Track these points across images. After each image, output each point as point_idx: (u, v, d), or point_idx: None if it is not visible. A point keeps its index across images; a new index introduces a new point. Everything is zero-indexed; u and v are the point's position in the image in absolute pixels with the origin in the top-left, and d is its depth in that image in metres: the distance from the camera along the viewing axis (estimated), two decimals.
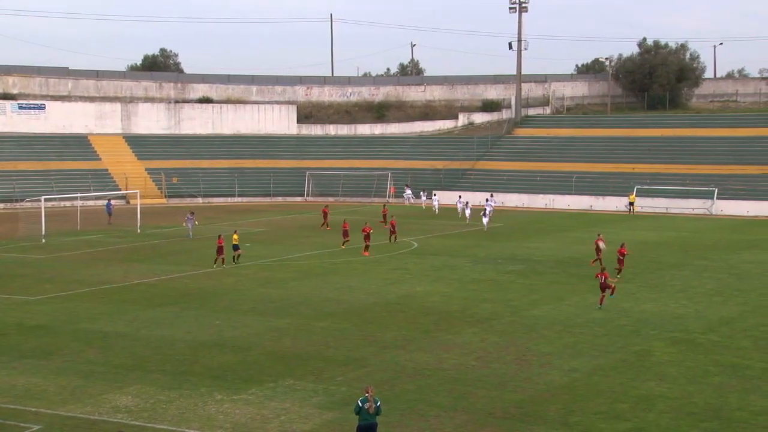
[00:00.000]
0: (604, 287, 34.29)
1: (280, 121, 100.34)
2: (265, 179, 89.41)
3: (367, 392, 18.57)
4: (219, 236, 45.51)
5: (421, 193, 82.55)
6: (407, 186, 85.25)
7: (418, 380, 24.60)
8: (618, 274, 40.50)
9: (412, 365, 26.13)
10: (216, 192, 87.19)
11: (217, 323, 31.77)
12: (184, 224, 57.27)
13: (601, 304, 34.04)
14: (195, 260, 46.95)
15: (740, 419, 21.23)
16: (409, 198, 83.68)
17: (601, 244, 44.85)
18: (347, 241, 51.63)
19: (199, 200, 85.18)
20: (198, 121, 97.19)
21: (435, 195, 79.13)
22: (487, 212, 62.74)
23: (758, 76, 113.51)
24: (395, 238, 54.03)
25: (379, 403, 18.59)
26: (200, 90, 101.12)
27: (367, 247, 49.17)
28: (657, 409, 22.03)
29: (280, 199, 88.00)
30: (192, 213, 58.54)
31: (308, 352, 27.68)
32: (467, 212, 66.92)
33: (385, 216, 62.71)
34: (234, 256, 45.62)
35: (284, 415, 21.74)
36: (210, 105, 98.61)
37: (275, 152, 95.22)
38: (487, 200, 70.62)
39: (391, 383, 24.24)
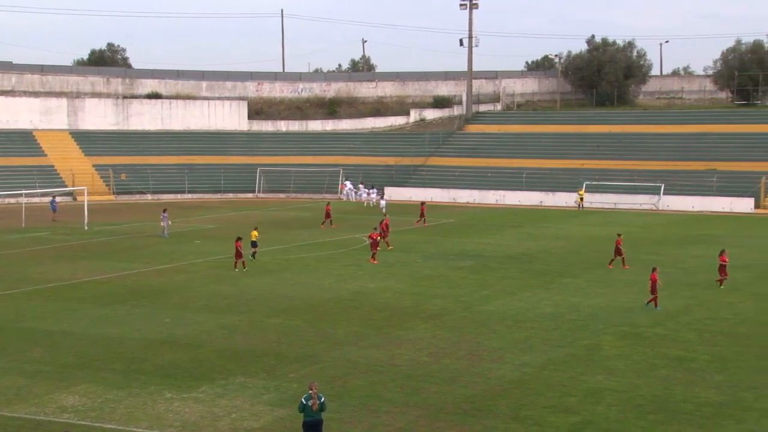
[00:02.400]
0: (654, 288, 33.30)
1: (231, 117, 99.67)
2: (216, 175, 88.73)
3: (311, 389, 18.60)
4: (237, 238, 42.61)
5: (365, 187, 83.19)
6: (348, 182, 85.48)
7: (371, 376, 24.65)
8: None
9: (365, 361, 26.16)
10: (165, 188, 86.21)
11: (167, 321, 31.48)
12: (161, 223, 55.21)
13: (655, 305, 33.32)
14: (145, 257, 46.48)
15: (685, 411, 21.60)
16: (349, 195, 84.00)
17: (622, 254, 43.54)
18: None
19: (148, 197, 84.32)
20: (147, 117, 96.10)
21: (375, 190, 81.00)
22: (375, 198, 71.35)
23: (703, 73, 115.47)
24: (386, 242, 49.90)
25: (323, 399, 18.61)
26: (149, 85, 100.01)
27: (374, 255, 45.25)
28: (605, 402, 22.33)
29: (230, 195, 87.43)
30: (165, 210, 56.22)
31: (260, 349, 27.58)
32: (382, 203, 72.29)
33: (328, 213, 61.46)
34: (252, 253, 45.17)
35: (235, 412, 21.64)
36: (159, 101, 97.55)
37: (226, 148, 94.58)
38: (365, 187, 79.94)
39: (343, 379, 24.26)
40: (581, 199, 75.83)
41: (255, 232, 46.43)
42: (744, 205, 73.13)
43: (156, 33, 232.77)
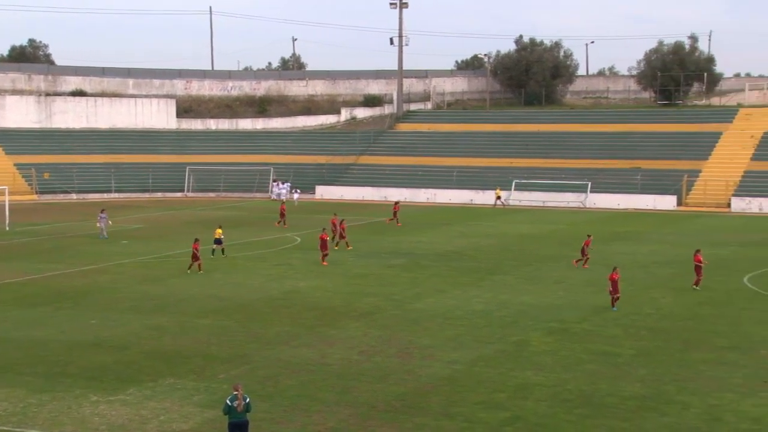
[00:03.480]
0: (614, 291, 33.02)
1: (159, 116, 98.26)
2: (144, 174, 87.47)
3: (236, 390, 18.49)
4: (195, 240, 41.87)
5: (281, 185, 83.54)
6: (276, 181, 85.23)
7: (302, 376, 24.54)
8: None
9: (296, 361, 26.04)
10: (91, 188, 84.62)
11: (93, 322, 30.89)
12: (97, 225, 53.91)
13: (612, 305, 32.99)
14: (70, 258, 45.55)
15: (610, 404, 21.98)
16: (280, 194, 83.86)
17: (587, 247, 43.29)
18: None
19: (73, 196, 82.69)
20: (71, 115, 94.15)
21: (284, 186, 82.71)
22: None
23: (627, 74, 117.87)
24: (338, 242, 49.27)
25: (248, 400, 18.49)
26: (73, 82, 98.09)
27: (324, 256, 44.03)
28: (534, 397, 22.60)
29: (159, 194, 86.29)
30: (103, 211, 54.71)
31: (190, 350, 27.25)
32: (295, 197, 77.51)
33: (282, 212, 60.81)
34: (217, 250, 45.65)
35: (164, 414, 21.34)
36: (84, 98, 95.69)
37: (154, 147, 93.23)
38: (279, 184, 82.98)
39: (274, 379, 24.11)
40: (498, 197, 76.75)
41: (219, 230, 46.69)
42: (667, 202, 74.91)
43: (80, 30, 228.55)
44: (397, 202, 64.35)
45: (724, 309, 33.23)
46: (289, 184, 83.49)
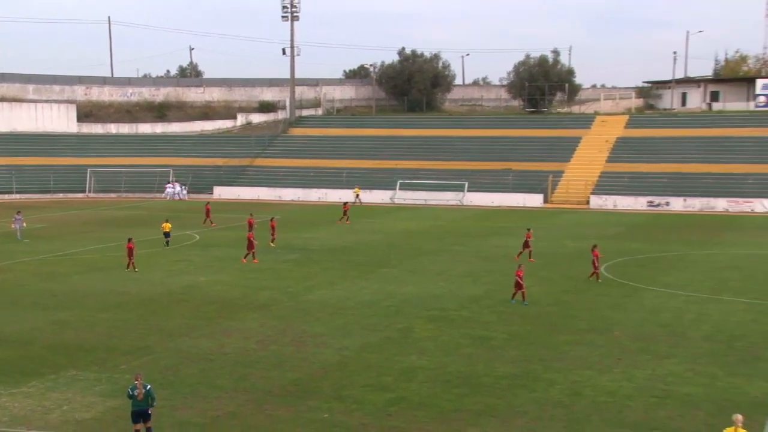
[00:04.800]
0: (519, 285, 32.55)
1: (59, 120, 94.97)
2: (45, 176, 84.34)
3: (137, 380, 18.16)
4: (129, 240, 40.51)
5: (175, 185, 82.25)
6: (172, 182, 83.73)
7: (201, 365, 24.18)
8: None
9: (196, 351, 25.64)
10: None
11: None
12: (12, 226, 51.21)
13: (519, 298, 32.58)
14: None
15: (486, 384, 22.44)
16: (175, 195, 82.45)
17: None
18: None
19: None
20: None
21: (173, 186, 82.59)
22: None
23: (499, 83, 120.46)
24: (272, 239, 48.49)
25: (149, 388, 18.16)
26: None
27: (253, 254, 42.73)
28: (417, 379, 22.86)
29: (60, 195, 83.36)
30: (19, 212, 51.91)
31: (92, 343, 26.47)
32: (183, 195, 78.29)
33: (208, 212, 59.91)
34: (167, 241, 47.48)
35: (66, 405, 20.69)
36: None
37: (55, 150, 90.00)
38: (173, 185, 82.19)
39: (174, 369, 23.69)
40: (357, 195, 77.46)
41: (167, 224, 47.66)
42: (535, 200, 76.89)
43: None
44: (346, 203, 64.41)
45: (583, 296, 34.30)
46: (178, 183, 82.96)
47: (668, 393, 21.58)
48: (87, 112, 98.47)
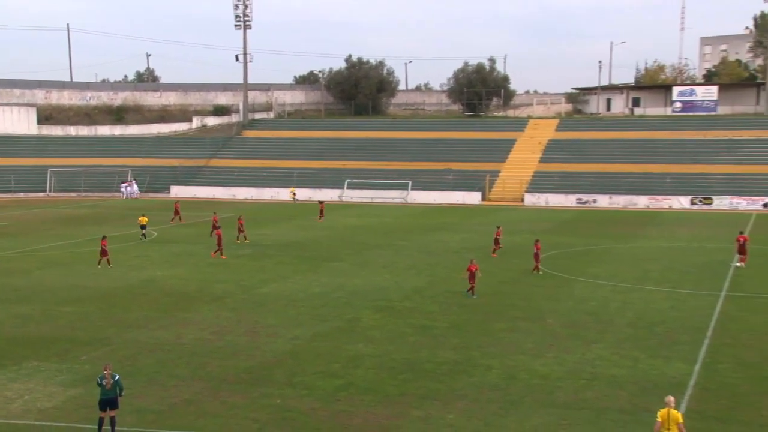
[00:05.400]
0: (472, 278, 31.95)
1: (20, 122, 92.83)
2: (6, 176, 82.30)
3: (105, 369, 17.85)
4: (103, 237, 40.11)
5: (131, 184, 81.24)
6: (127, 182, 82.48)
7: (159, 354, 23.84)
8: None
9: (154, 341, 25.26)
10: None
11: None
12: None
13: (472, 293, 31.96)
14: None
15: (429, 369, 22.53)
16: (131, 194, 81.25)
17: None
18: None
19: None
20: None
21: (127, 185, 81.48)
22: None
23: (439, 89, 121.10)
24: (238, 236, 47.65)
25: (117, 378, 17.87)
26: None
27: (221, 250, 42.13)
28: (364, 366, 22.84)
29: (21, 195, 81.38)
30: None
31: (53, 336, 25.90)
32: (134, 194, 78.89)
33: (177, 210, 58.71)
34: (143, 234, 48.09)
35: (28, 394, 20.21)
36: None
37: (16, 151, 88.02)
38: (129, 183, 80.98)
39: (133, 359, 23.31)
40: (293, 194, 77.35)
41: (144, 218, 48.48)
42: (473, 198, 77.51)
43: None
44: (321, 201, 63.82)
45: (518, 286, 34.65)
46: (135, 182, 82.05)
47: (595, 375, 21.93)
48: (47, 115, 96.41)
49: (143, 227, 48.89)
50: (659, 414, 15.85)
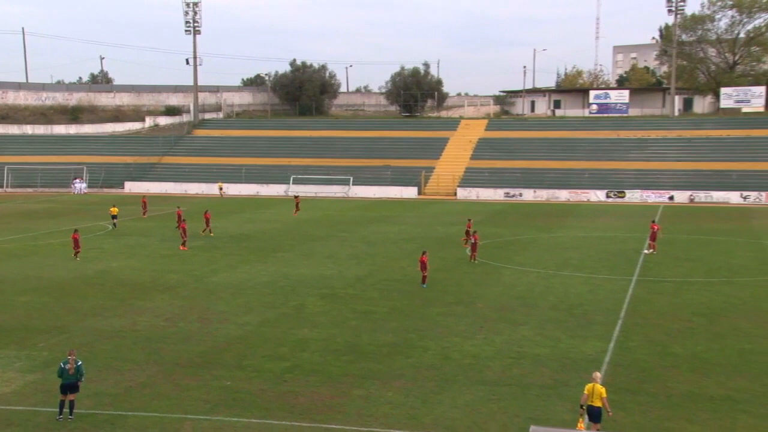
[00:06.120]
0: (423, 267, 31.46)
1: None
2: None
3: (70, 355, 17.45)
4: (75, 230, 39.02)
5: (82, 180, 79.45)
6: (78, 179, 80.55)
7: (115, 341, 23.36)
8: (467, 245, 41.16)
9: (109, 329, 24.74)
10: None
11: None
12: None
13: (423, 283, 31.54)
14: None
15: (370, 351, 22.60)
16: (81, 189, 79.38)
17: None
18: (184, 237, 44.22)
19: None
20: None
21: (78, 181, 79.79)
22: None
23: (378, 91, 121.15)
24: (204, 229, 46.63)
25: (80, 363, 17.49)
26: None
27: (184, 243, 41.59)
28: (310, 349, 22.78)
29: None
30: None
31: (10, 325, 25.12)
32: (82, 190, 77.50)
33: (144, 204, 57.25)
34: (114, 224, 48.51)
35: None
36: None
37: None
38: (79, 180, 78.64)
39: (90, 345, 22.78)
40: (221, 189, 76.81)
41: (114, 209, 49.44)
42: (410, 192, 77.81)
43: None
44: (296, 196, 63.17)
45: (452, 273, 34.94)
46: (80, 179, 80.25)
47: (522, 354, 22.29)
48: (4, 115, 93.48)
49: (114, 217, 49.24)
50: (586, 388, 16.23)
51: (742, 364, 21.35)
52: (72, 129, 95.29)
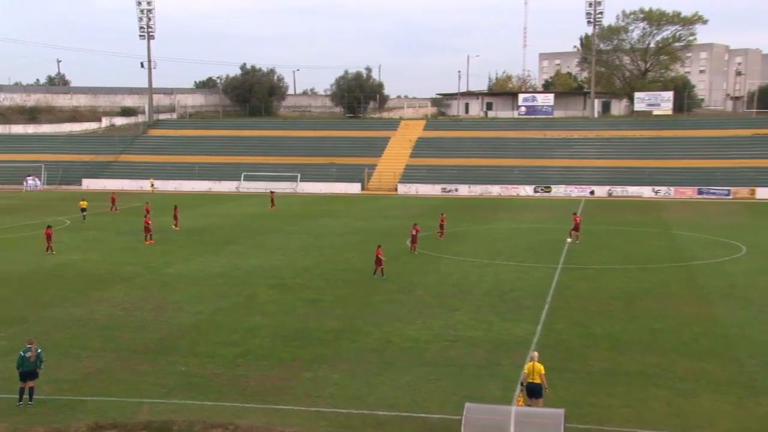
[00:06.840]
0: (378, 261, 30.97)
1: None
2: None
3: (30, 343, 16.93)
4: (48, 227, 37.22)
5: (35, 178, 77.06)
6: (30, 176, 78.12)
7: (73, 330, 22.75)
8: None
9: (68, 318, 24.07)
10: None
11: None
12: None
13: (379, 274, 30.97)
14: None
15: (317, 337, 22.52)
16: (35, 186, 77.02)
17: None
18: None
19: None
20: None
21: (31, 178, 77.29)
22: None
23: (324, 93, 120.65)
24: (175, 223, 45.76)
25: (39, 351, 17.00)
26: None
27: (150, 236, 40.70)
28: (261, 336, 22.59)
29: None
30: None
31: None
32: (37, 187, 74.80)
33: (113, 200, 55.43)
34: (83, 216, 48.22)
35: None
36: None
37: None
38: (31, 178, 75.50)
39: (48, 334, 22.13)
40: (152, 185, 75.92)
41: (83, 202, 48.48)
42: (354, 188, 77.73)
43: None
44: (272, 192, 62.52)
45: (394, 263, 34.86)
46: (34, 177, 77.62)
47: (458, 337, 22.52)
48: None
49: (83, 210, 49.34)
50: (526, 367, 16.49)
51: (653, 342, 22.01)
52: (30, 129, 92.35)
